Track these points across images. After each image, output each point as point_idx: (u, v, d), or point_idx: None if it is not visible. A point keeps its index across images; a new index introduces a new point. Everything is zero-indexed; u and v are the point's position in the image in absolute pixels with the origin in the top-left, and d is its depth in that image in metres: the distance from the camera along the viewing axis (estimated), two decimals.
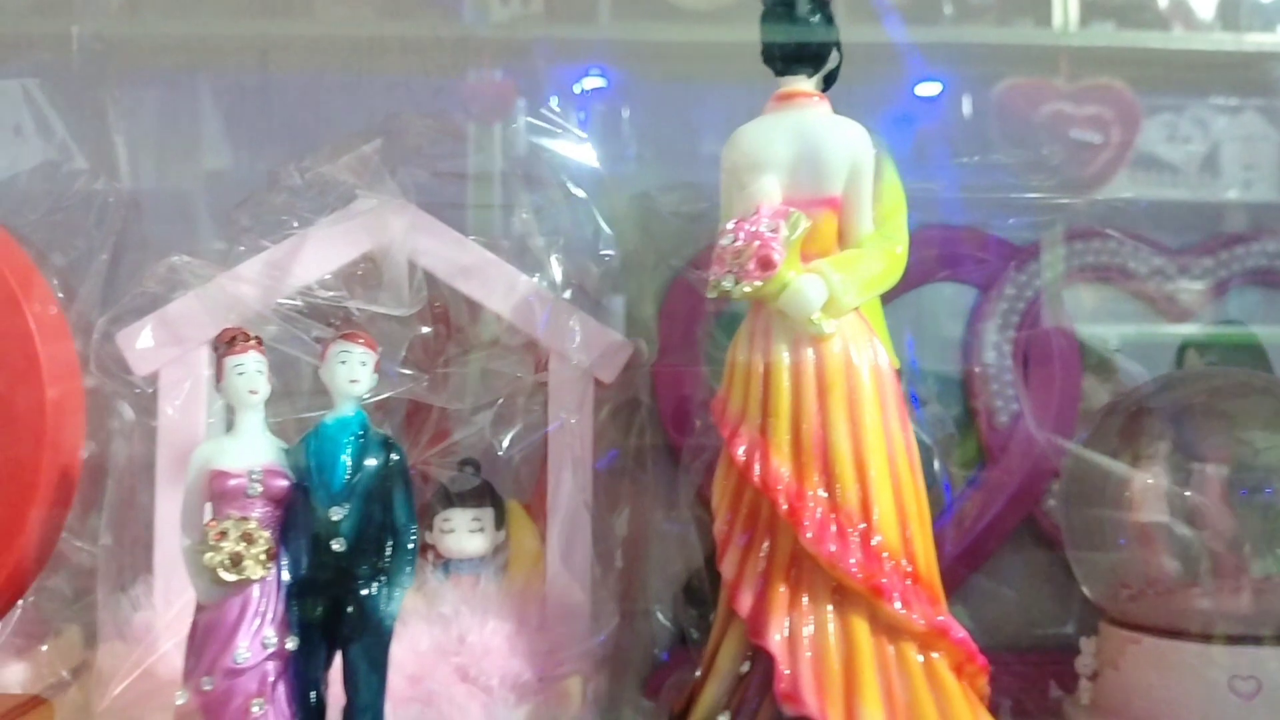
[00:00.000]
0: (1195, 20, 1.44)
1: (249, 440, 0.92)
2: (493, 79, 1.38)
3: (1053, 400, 1.41)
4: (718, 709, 0.97)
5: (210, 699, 0.86)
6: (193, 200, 1.39)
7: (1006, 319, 1.43)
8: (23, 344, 0.99)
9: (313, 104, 1.48)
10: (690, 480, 1.29)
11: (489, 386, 1.21)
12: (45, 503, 1.00)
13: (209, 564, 0.85)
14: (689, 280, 1.37)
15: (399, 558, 0.93)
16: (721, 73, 1.38)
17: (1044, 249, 1.44)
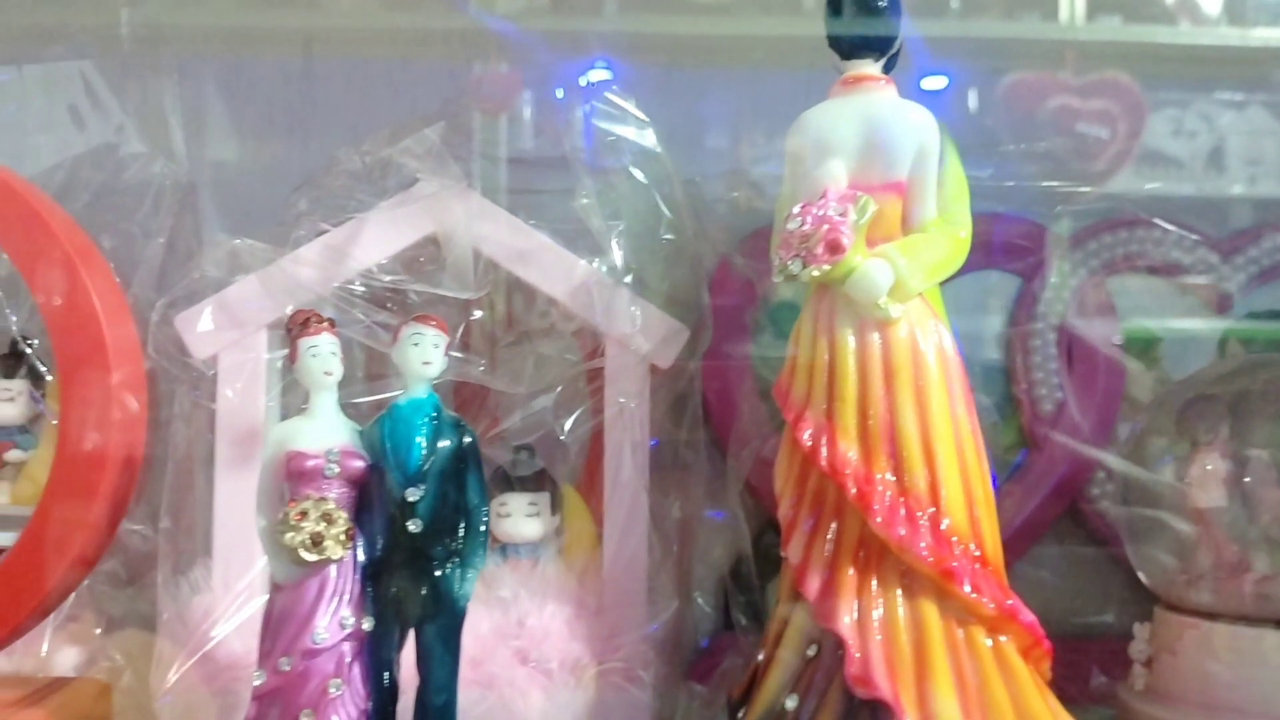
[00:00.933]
0: (1201, 15, 1.44)
1: (324, 421, 0.92)
2: (499, 72, 1.38)
3: (1096, 389, 1.41)
4: (784, 692, 0.98)
5: (288, 679, 0.86)
6: (242, 185, 1.39)
7: (1051, 307, 1.43)
8: (89, 326, 0.99)
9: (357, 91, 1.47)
10: (738, 469, 1.29)
11: (542, 372, 1.21)
12: (111, 485, 1.00)
13: (290, 544, 0.85)
14: (734, 267, 1.37)
15: (472, 539, 0.93)
16: (727, 65, 1.38)
17: (1087, 237, 1.44)
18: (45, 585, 0.99)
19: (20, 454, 1.21)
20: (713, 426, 1.35)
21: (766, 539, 1.36)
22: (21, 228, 1.00)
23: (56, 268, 1.00)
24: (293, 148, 1.46)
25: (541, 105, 1.37)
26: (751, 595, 1.33)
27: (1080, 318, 1.43)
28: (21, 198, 1.01)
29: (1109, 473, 1.39)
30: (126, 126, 1.17)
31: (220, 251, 1.11)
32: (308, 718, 0.86)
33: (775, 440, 1.34)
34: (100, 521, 1.00)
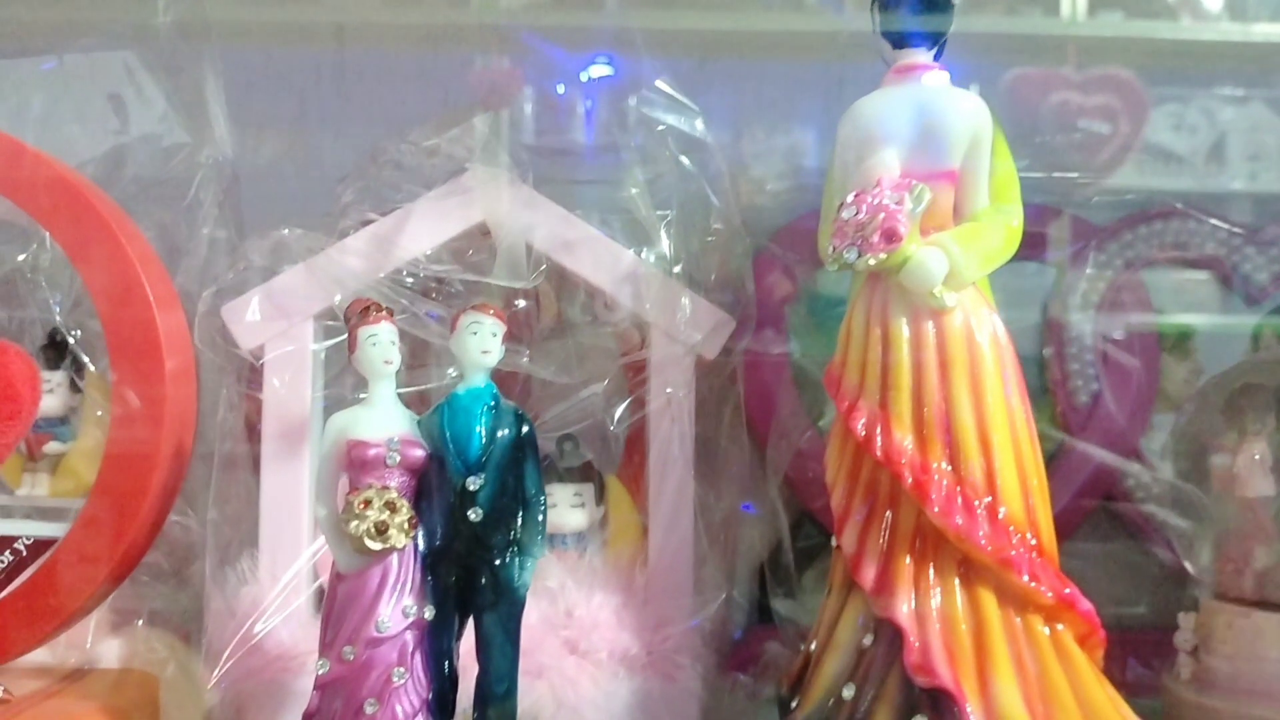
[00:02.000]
0: (1202, 11, 1.44)
1: (384, 410, 0.92)
2: (500, 66, 1.38)
3: (1131, 380, 1.41)
4: (841, 682, 0.97)
5: (352, 668, 0.86)
6: (272, 177, 1.38)
7: (1086, 299, 1.43)
8: (142, 314, 0.99)
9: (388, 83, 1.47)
10: (776, 460, 1.29)
11: (584, 362, 1.21)
12: (163, 474, 1.00)
13: (354, 532, 0.85)
14: (771, 257, 1.37)
15: (530, 528, 0.93)
16: (728, 60, 1.37)
17: (1123, 228, 1.44)
18: (98, 575, 0.99)
19: (59, 446, 1.21)
20: (748, 418, 1.35)
21: (805, 530, 1.36)
22: (74, 217, 1.00)
23: (110, 258, 0.99)
24: (325, 140, 1.45)
25: (544, 98, 1.37)
26: (789, 586, 1.32)
27: (1115, 309, 1.43)
28: (74, 187, 1.01)
29: (1145, 464, 1.38)
30: (170, 117, 1.16)
31: (267, 242, 1.10)
32: (371, 707, 0.86)
33: (811, 433, 1.35)
34: (152, 510, 0.99)
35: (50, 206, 0.99)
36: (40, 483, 1.21)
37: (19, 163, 1.00)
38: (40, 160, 1.01)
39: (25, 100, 1.13)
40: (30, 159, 1.00)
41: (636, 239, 1.10)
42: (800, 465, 1.33)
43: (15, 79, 1.20)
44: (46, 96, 1.16)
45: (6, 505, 1.13)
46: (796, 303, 1.40)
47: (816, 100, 1.41)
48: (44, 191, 0.99)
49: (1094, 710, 0.92)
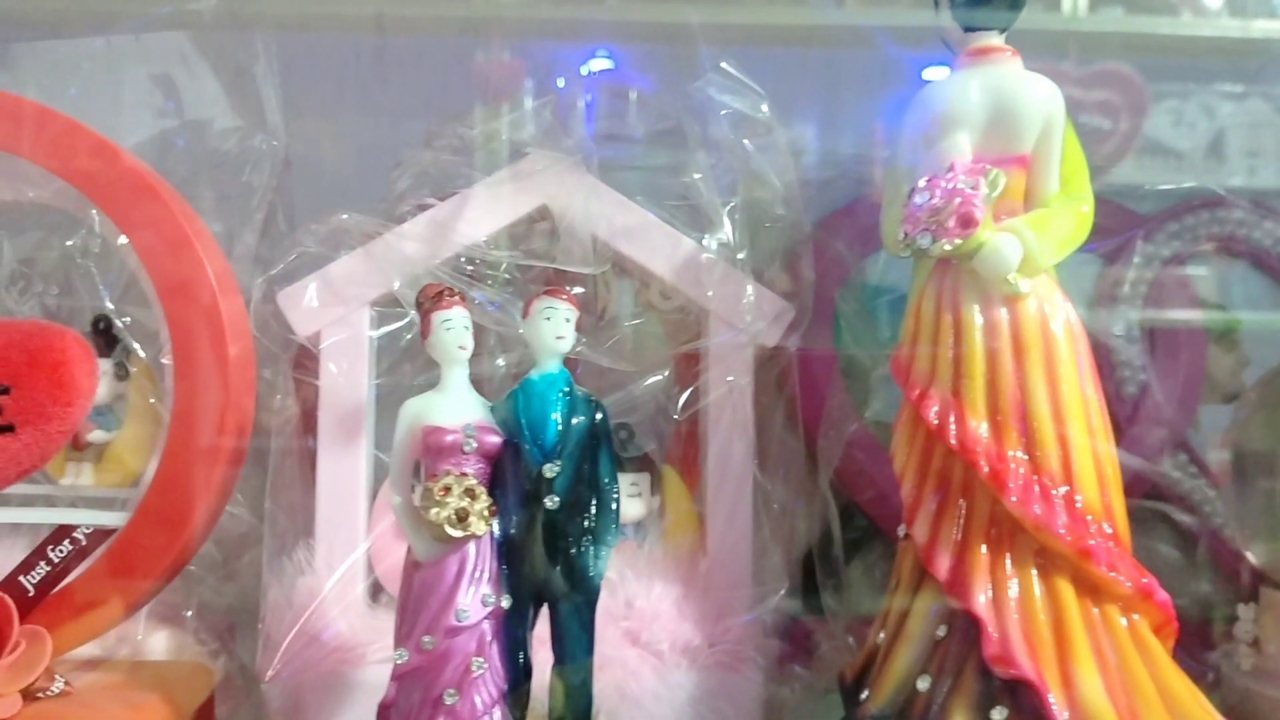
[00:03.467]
0: (1202, 7, 1.43)
1: (458, 396, 0.90)
2: (501, 59, 1.36)
3: (1179, 371, 1.40)
4: (915, 673, 0.96)
5: (430, 658, 0.85)
6: (311, 161, 1.36)
7: (1134, 289, 1.42)
8: (205, 298, 0.97)
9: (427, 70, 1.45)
10: (828, 451, 1.28)
11: (636, 351, 1.19)
12: (225, 461, 0.98)
13: (435, 519, 0.83)
14: (819, 245, 1.35)
15: (604, 516, 0.91)
16: (729, 54, 1.35)
17: (1170, 218, 1.43)
18: (161, 564, 0.97)
19: (103, 435, 1.19)
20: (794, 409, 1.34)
21: (856, 520, 1.35)
22: (135, 200, 0.98)
23: (171, 242, 0.98)
24: (364, 126, 1.43)
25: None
26: (838, 579, 1.31)
27: (1161, 299, 1.42)
28: (134, 170, 0.99)
29: (1190, 456, 1.37)
30: (221, 100, 1.14)
31: (323, 228, 1.09)
32: (451, 698, 0.84)
33: (858, 424, 1.34)
34: (214, 498, 0.97)
35: (111, 190, 0.98)
36: (85, 472, 1.19)
37: (79, 146, 0.98)
38: (101, 144, 0.99)
39: (72, 81, 1.11)
40: (90, 141, 0.99)
41: (699, 226, 1.08)
42: (847, 456, 1.32)
43: (63, 60, 1.18)
44: (94, 78, 1.14)
45: (50, 495, 1.12)
46: (843, 291, 1.38)
47: (817, 94, 1.40)
48: (104, 175, 0.98)
49: (1175, 701, 0.91)
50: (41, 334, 0.96)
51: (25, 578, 0.95)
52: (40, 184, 1.14)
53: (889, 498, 1.33)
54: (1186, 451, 1.38)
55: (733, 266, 1.10)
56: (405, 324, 1.14)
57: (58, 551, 0.95)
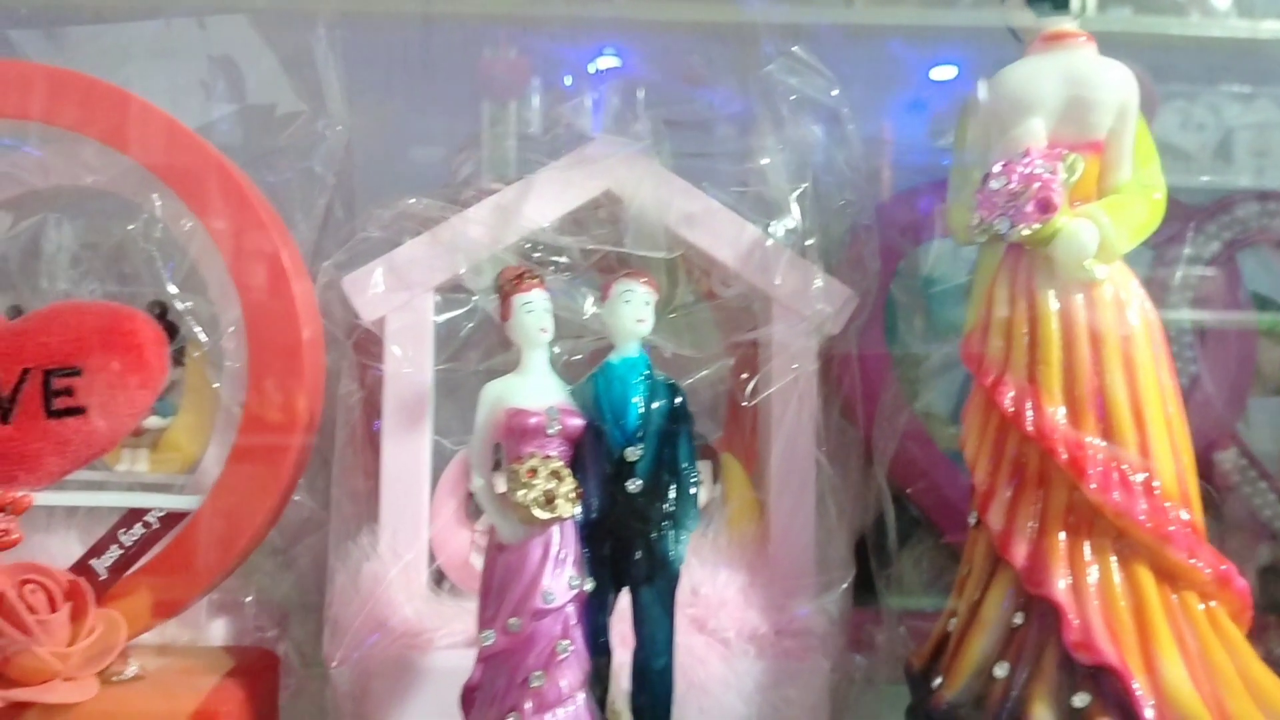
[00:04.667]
0: (1211, 7, 1.43)
1: (539, 379, 0.90)
2: (508, 56, 1.36)
3: (1229, 363, 1.40)
4: (991, 660, 0.96)
5: (517, 640, 0.84)
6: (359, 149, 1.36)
7: (1184, 280, 1.42)
8: (279, 281, 0.97)
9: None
10: (883, 441, 1.27)
11: (694, 338, 1.19)
12: (297, 445, 0.98)
13: (523, 501, 0.83)
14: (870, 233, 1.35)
15: (684, 500, 0.91)
16: (735, 51, 1.35)
17: (1220, 210, 1.43)
18: (234, 547, 0.97)
19: (159, 421, 1.19)
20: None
21: (908, 511, 1.35)
22: (208, 183, 0.98)
23: (245, 225, 0.97)
24: (410, 114, 1.42)
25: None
26: (892, 568, 1.31)
27: (1212, 291, 1.42)
28: (208, 153, 0.98)
29: (1242, 449, 1.37)
30: (284, 84, 1.13)
31: (388, 212, 1.08)
32: (538, 680, 0.84)
33: (908, 414, 1.34)
34: (287, 481, 0.97)
35: (184, 174, 0.97)
36: (140, 458, 1.19)
37: (152, 128, 0.97)
38: (174, 126, 0.98)
39: (128, 66, 1.10)
40: (162, 124, 0.98)
41: (767, 213, 1.08)
42: (898, 447, 1.31)
43: (118, 44, 1.17)
44: (152, 63, 1.13)
45: (105, 481, 1.11)
46: (894, 282, 1.38)
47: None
48: (179, 158, 0.97)
49: (1258, 687, 0.91)
50: (113, 316, 0.96)
51: (97, 561, 0.95)
52: (99, 169, 1.14)
53: (940, 488, 1.33)
54: (1236, 443, 1.37)
55: (800, 254, 1.09)
56: (467, 310, 1.13)
57: (129, 535, 0.94)
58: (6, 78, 0.96)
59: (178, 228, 1.12)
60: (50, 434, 0.93)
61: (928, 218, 1.34)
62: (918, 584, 1.38)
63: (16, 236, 1.15)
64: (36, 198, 1.14)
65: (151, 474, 1.18)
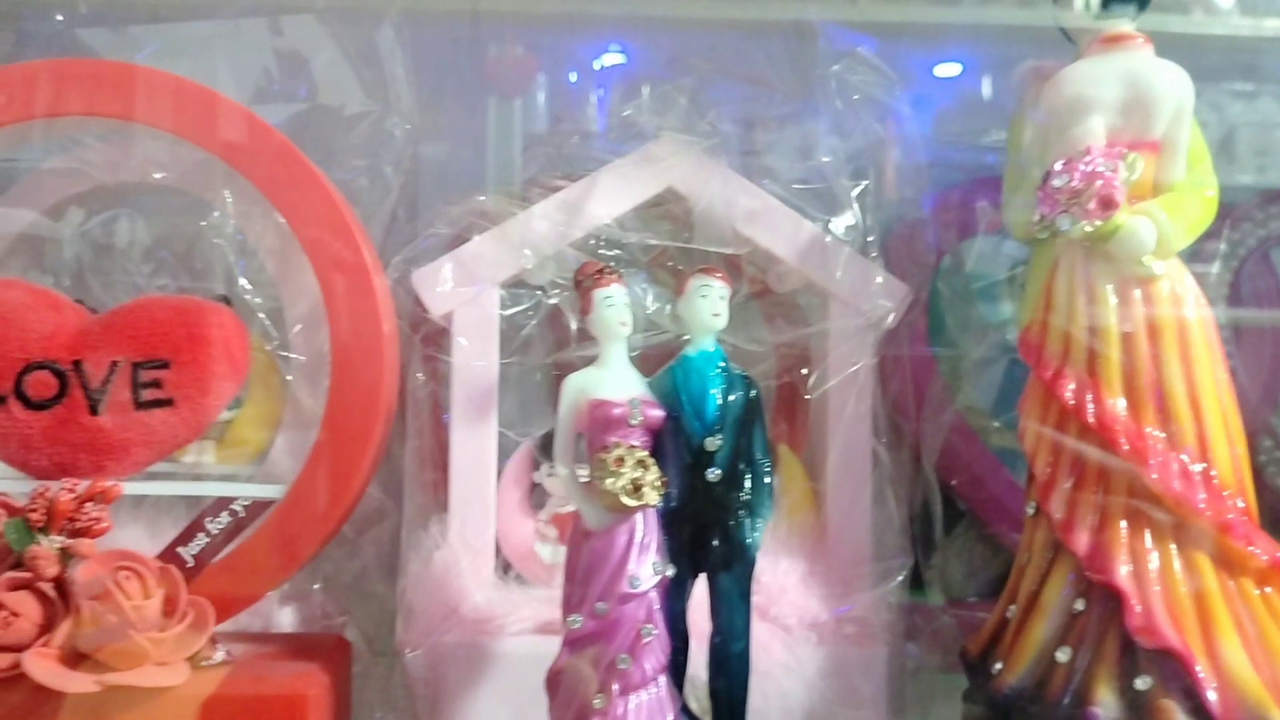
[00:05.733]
0: (1214, 5, 1.45)
1: (619, 371, 0.92)
2: (514, 53, 1.38)
3: (1264, 357, 1.43)
4: (1053, 645, 0.98)
5: (604, 624, 0.87)
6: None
7: (1219, 275, 1.44)
8: (362, 275, 0.99)
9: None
10: (930, 436, 1.30)
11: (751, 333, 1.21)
12: (379, 438, 1.00)
13: (611, 489, 0.85)
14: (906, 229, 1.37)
15: (759, 489, 0.93)
16: (742, 49, 1.38)
17: (1255, 208, 1.45)
18: (317, 535, 0.99)
19: (226, 414, 1.21)
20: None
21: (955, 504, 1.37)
22: (290, 178, 1.00)
23: (328, 218, 0.99)
24: (460, 112, 1.44)
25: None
26: (936, 559, 1.34)
27: (1247, 287, 1.44)
28: (290, 149, 1.01)
29: (1276, 441, 1.39)
30: (352, 83, 1.16)
31: (457, 209, 1.11)
32: (624, 663, 0.86)
33: (953, 409, 1.36)
34: (368, 469, 0.99)
35: (267, 169, 0.99)
36: (207, 450, 1.21)
37: (236, 124, 1.00)
38: (255, 121, 1.01)
39: (196, 65, 1.12)
40: (244, 119, 1.00)
41: (828, 209, 1.10)
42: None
43: (183, 43, 1.19)
44: (220, 60, 1.15)
45: (173, 473, 1.13)
46: (937, 278, 1.40)
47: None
48: (262, 154, 1.00)
49: None
50: (198, 310, 0.98)
51: (184, 549, 0.97)
52: (168, 165, 1.16)
53: (983, 481, 1.36)
54: (1271, 436, 1.40)
55: (859, 250, 1.11)
56: (528, 306, 1.16)
57: (216, 524, 0.97)
58: (99, 76, 0.98)
59: (248, 223, 1.15)
60: (138, 425, 0.95)
61: (970, 215, 1.36)
62: (960, 575, 1.41)
63: (88, 231, 1.17)
64: (107, 193, 1.17)
65: (218, 466, 1.21)
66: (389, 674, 1.14)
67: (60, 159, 1.17)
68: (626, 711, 0.86)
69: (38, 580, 0.90)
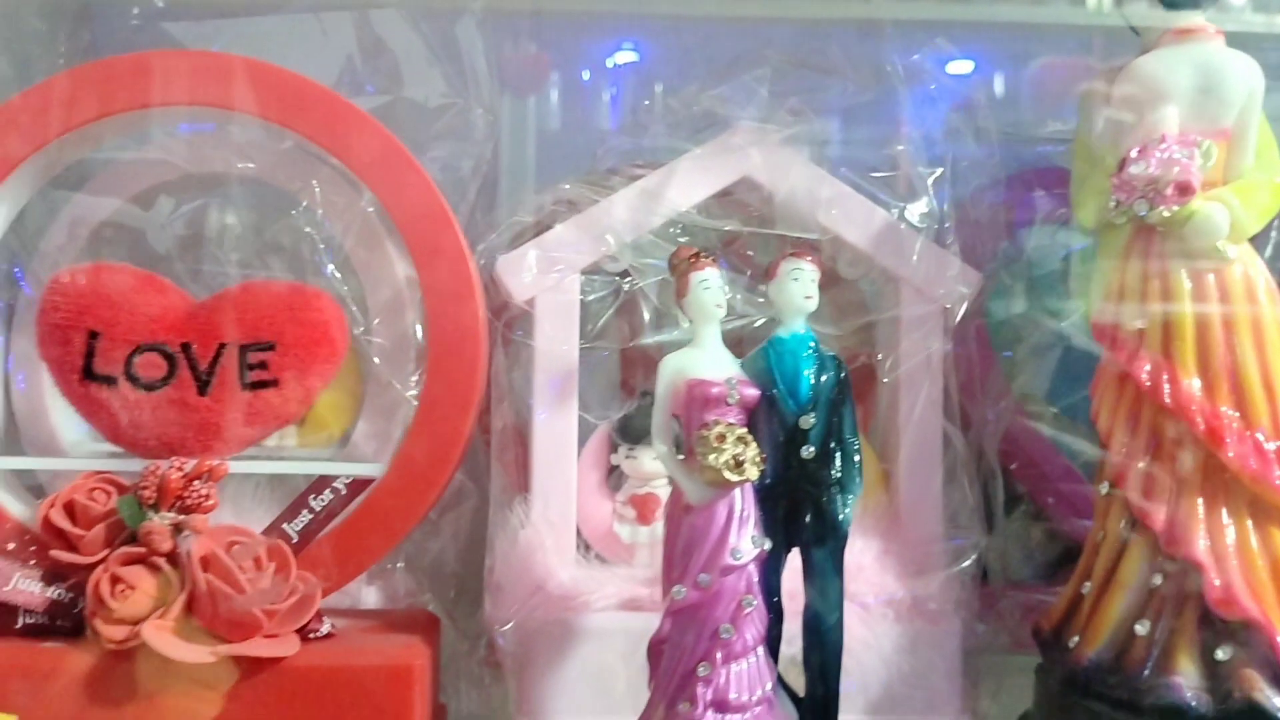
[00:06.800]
0: (1226, 2, 1.46)
1: (714, 352, 0.95)
2: (527, 51, 1.40)
3: None
4: (1131, 619, 1.01)
5: (707, 595, 0.90)
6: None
7: (1272, 265, 1.46)
8: (459, 265, 1.02)
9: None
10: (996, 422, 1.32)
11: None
12: (473, 418, 1.03)
13: (714, 465, 0.88)
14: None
15: (849, 466, 0.96)
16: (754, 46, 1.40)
17: None
18: (416, 512, 1.02)
19: None
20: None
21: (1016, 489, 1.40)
22: (388, 165, 1.02)
23: (425, 204, 1.02)
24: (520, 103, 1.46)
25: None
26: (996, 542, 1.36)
27: None
28: (389, 137, 1.03)
29: None
30: (436, 75, 1.18)
31: (541, 197, 1.13)
32: (727, 633, 0.89)
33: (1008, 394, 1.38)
34: (462, 449, 1.02)
35: (367, 157, 1.02)
36: (289, 434, 1.23)
37: (335, 113, 1.02)
38: (354, 111, 1.03)
39: (281, 57, 1.15)
40: (344, 108, 1.03)
41: (904, 197, 1.13)
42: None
43: (261, 36, 1.22)
44: (304, 55, 1.18)
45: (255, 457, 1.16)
46: (994, 265, 1.42)
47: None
48: (361, 142, 1.02)
49: None
50: (300, 293, 1.01)
51: (289, 525, 1.00)
52: (252, 156, 1.19)
53: (1040, 466, 1.38)
54: None
55: (934, 237, 1.14)
56: (604, 294, 1.18)
57: (319, 501, 1.00)
58: (208, 69, 1.01)
59: (333, 213, 1.18)
60: (244, 405, 0.99)
61: (1028, 204, 1.39)
62: (1018, 558, 1.43)
63: (177, 220, 1.19)
64: (196, 183, 1.19)
65: (299, 449, 1.24)
66: (472, 651, 1.17)
67: (147, 149, 1.20)
68: (729, 680, 0.89)
69: (152, 555, 0.93)
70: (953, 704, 1.11)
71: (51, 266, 1.18)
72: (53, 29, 1.28)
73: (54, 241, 1.20)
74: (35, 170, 1.04)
